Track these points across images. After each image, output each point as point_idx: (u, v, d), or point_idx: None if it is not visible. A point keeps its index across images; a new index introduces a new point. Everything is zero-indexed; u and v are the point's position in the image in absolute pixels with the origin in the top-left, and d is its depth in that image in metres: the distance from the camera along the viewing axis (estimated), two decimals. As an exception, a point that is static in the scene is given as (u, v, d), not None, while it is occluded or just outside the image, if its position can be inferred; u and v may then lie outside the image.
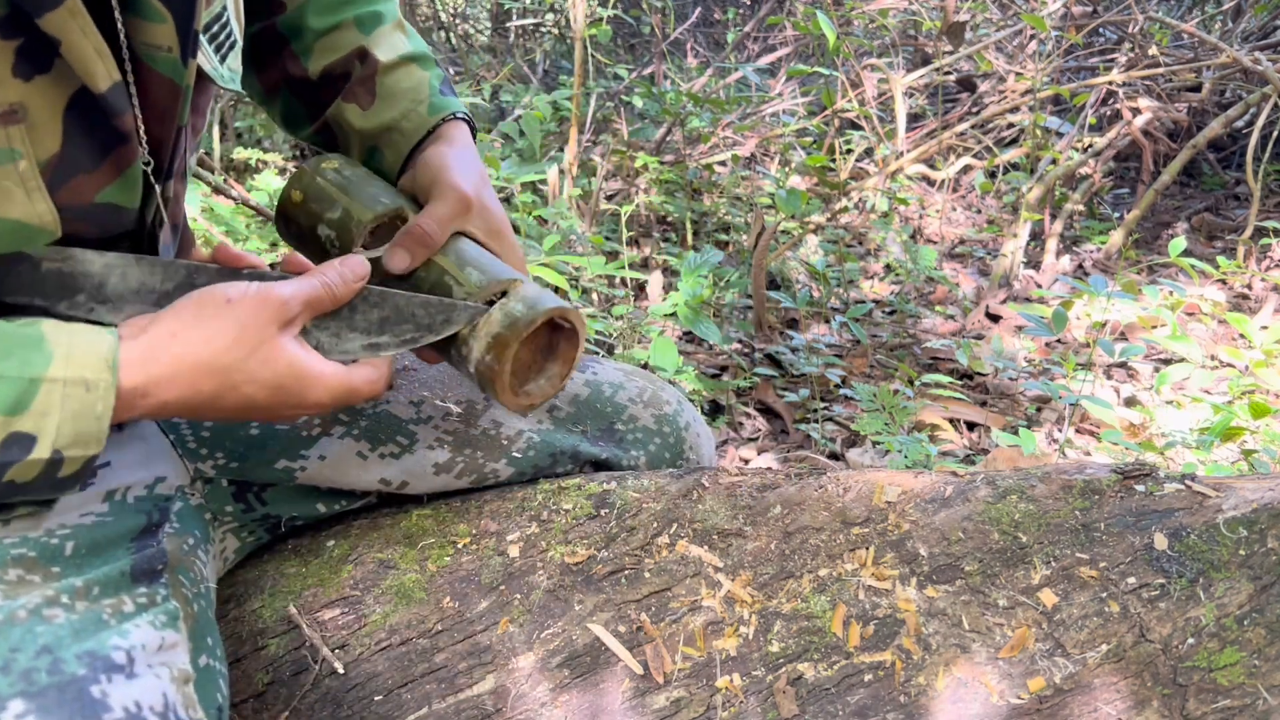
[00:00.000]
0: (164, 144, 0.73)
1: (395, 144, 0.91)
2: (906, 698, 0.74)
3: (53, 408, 0.61)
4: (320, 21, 0.93)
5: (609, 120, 3.46)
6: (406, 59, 0.94)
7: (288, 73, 0.95)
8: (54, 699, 0.53)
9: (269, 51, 0.95)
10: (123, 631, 0.59)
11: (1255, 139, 2.86)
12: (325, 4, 0.94)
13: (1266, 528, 0.76)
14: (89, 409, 0.62)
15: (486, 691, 0.78)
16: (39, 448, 0.61)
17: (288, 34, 0.94)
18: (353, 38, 0.93)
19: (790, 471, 0.90)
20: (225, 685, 0.72)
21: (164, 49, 0.68)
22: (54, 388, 0.61)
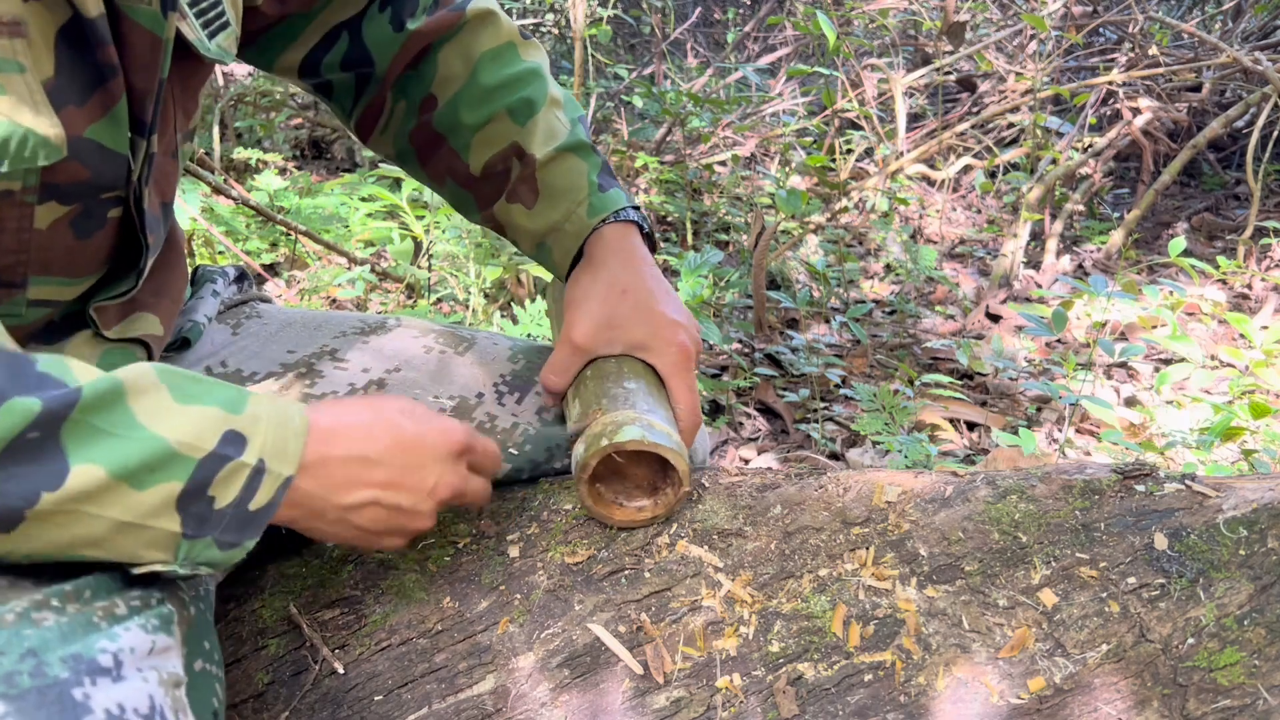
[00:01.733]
0: (147, 96, 0.73)
1: (561, 243, 0.96)
2: (906, 698, 0.74)
3: (261, 415, 0.65)
4: (474, 116, 0.95)
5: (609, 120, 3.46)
6: (564, 150, 0.95)
7: (451, 168, 0.98)
8: (34, 701, 0.53)
9: (430, 147, 0.99)
10: (112, 635, 0.58)
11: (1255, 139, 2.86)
12: (476, 96, 0.96)
13: (1266, 528, 0.76)
14: (289, 421, 0.67)
15: (486, 691, 0.78)
16: (249, 449, 0.64)
17: (444, 132, 0.97)
18: (508, 130, 0.95)
19: (790, 471, 0.90)
20: (221, 690, 0.71)
21: (144, 1, 0.69)
22: (260, 400, 0.66)
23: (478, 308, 2.36)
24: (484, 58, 0.96)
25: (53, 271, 0.75)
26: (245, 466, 0.64)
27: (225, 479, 0.63)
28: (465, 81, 0.96)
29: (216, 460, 0.63)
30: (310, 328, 1.00)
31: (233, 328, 0.99)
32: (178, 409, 0.62)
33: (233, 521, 0.64)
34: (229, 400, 0.64)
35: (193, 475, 0.62)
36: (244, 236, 2.67)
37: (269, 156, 3.05)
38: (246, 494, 0.64)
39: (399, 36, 0.95)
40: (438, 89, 0.97)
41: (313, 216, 2.78)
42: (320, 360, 0.97)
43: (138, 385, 0.61)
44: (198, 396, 0.64)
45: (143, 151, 0.75)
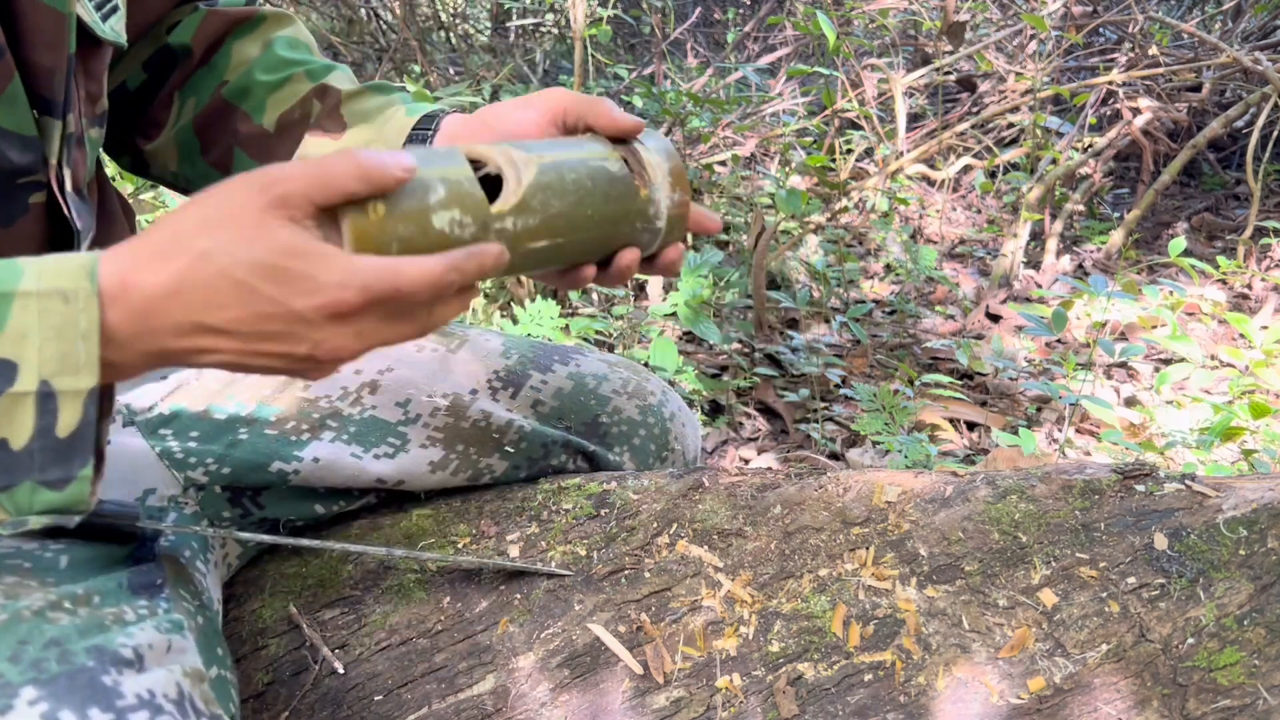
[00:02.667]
0: (54, 73, 0.69)
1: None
2: (906, 698, 0.74)
3: (30, 327, 0.53)
4: (270, 77, 0.91)
5: (609, 120, 3.45)
6: (368, 88, 0.90)
7: (238, 134, 0.91)
8: (65, 685, 0.52)
9: (215, 126, 0.92)
10: (128, 633, 0.58)
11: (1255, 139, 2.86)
12: (272, 62, 0.92)
13: (1266, 528, 0.76)
14: (71, 324, 0.54)
15: (486, 691, 0.78)
16: (22, 377, 0.53)
17: (234, 98, 0.92)
18: (305, 86, 0.91)
19: (790, 471, 0.90)
20: (236, 695, 0.71)
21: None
22: (28, 302, 0.53)
23: (477, 308, 2.36)
24: (280, 39, 0.93)
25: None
26: (24, 394, 0.53)
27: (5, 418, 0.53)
28: (260, 54, 0.92)
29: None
30: None
31: None
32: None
33: (46, 456, 0.54)
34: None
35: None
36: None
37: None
38: (46, 422, 0.54)
39: (195, 16, 0.92)
40: (230, 73, 0.92)
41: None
42: None
43: None
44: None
45: (58, 133, 0.71)
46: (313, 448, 0.89)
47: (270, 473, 0.88)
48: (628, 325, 2.27)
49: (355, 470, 0.90)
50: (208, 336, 0.57)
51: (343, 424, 0.91)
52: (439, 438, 0.92)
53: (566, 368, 1.01)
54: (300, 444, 0.89)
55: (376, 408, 0.93)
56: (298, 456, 0.88)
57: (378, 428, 0.91)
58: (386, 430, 0.91)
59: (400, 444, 0.91)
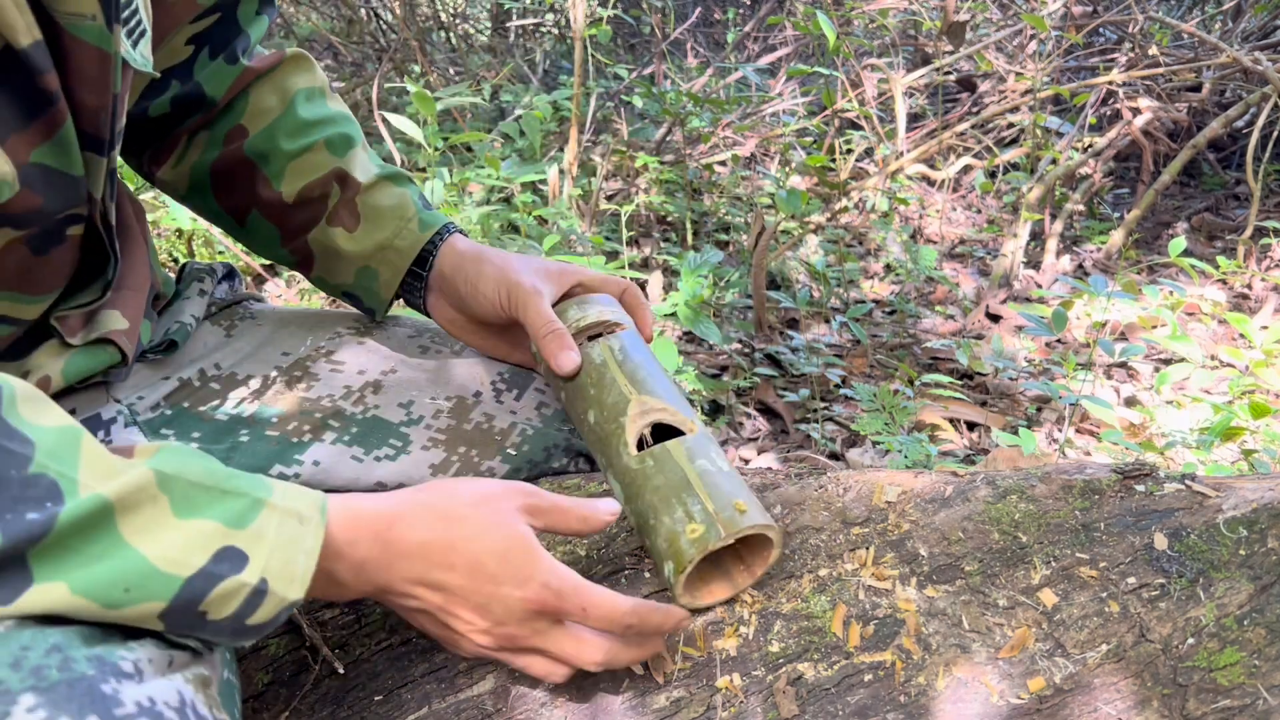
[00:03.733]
0: (100, 113, 0.71)
1: (391, 262, 0.95)
2: (906, 698, 0.74)
3: (268, 532, 0.60)
4: (292, 144, 0.95)
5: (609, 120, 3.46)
6: (383, 179, 0.96)
7: (258, 196, 0.96)
8: (64, 694, 0.52)
9: (236, 177, 0.97)
10: (129, 647, 0.58)
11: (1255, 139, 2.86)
12: (294, 126, 0.96)
13: (1266, 528, 0.76)
14: (299, 541, 0.61)
15: (486, 691, 0.78)
16: (249, 569, 0.59)
17: (255, 159, 0.96)
18: (325, 160, 0.95)
19: (790, 471, 0.90)
20: (239, 697, 0.71)
21: (88, 17, 0.67)
22: (273, 514, 0.60)
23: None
24: (299, 94, 0.97)
25: (8, 287, 0.74)
26: (244, 585, 0.58)
27: (220, 598, 0.58)
28: (281, 113, 0.96)
29: (207, 578, 0.57)
30: (305, 328, 1.00)
31: (226, 329, 0.99)
32: (173, 524, 0.57)
33: (228, 630, 0.60)
34: (235, 514, 0.59)
35: (178, 594, 0.57)
36: (244, 236, 2.66)
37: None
38: (245, 610, 0.59)
39: (233, 69, 0.95)
40: (248, 121, 0.96)
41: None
42: (315, 362, 0.96)
43: (131, 501, 0.56)
44: (201, 508, 0.58)
45: (103, 170, 0.73)
46: (314, 450, 0.89)
47: (271, 476, 0.88)
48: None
49: (356, 473, 0.90)
50: (427, 590, 0.67)
51: (345, 424, 0.91)
52: (441, 440, 0.92)
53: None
54: (301, 446, 0.89)
55: (379, 407, 0.93)
56: (298, 460, 0.88)
57: (380, 428, 0.91)
58: (389, 431, 0.91)
59: (402, 445, 0.91)
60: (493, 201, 2.66)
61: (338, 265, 0.97)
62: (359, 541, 0.65)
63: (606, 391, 0.84)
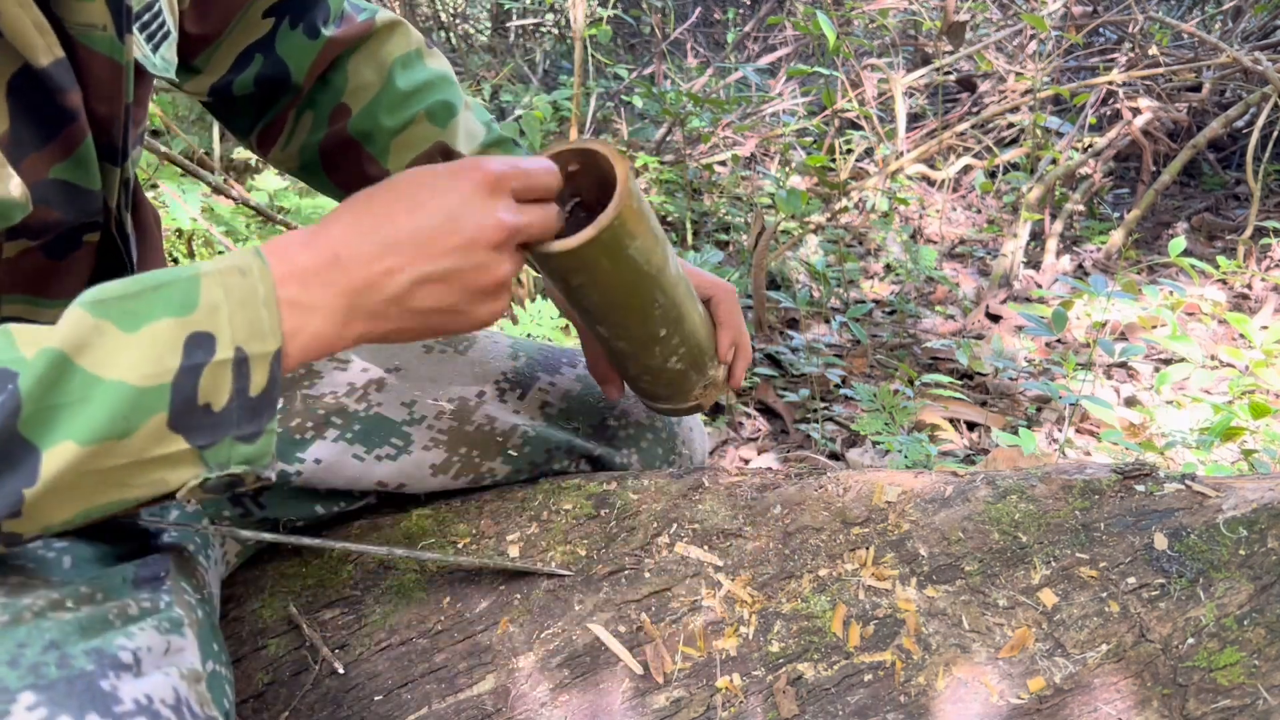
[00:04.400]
0: (113, 122, 0.71)
1: None
2: (906, 698, 0.74)
3: (219, 300, 0.59)
4: (393, 119, 0.94)
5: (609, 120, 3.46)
6: (489, 146, 0.95)
7: (366, 174, 0.96)
8: (64, 691, 0.53)
9: (341, 156, 0.96)
10: (128, 633, 0.58)
11: (1255, 139, 2.86)
12: (394, 100, 0.94)
13: (1266, 528, 0.76)
14: (252, 293, 0.59)
15: (486, 691, 0.78)
16: (221, 345, 0.58)
17: (360, 138, 0.95)
18: (429, 132, 0.94)
19: (790, 471, 0.90)
20: (231, 691, 0.71)
21: (98, 27, 0.67)
22: (213, 279, 0.59)
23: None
24: (396, 64, 0.95)
25: (23, 290, 0.73)
26: (224, 362, 0.58)
27: (210, 383, 0.58)
28: (380, 88, 0.94)
29: (188, 373, 0.57)
30: None
31: None
32: (127, 340, 0.57)
33: (241, 414, 0.60)
34: (179, 302, 0.58)
35: (171, 400, 0.57)
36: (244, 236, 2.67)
37: (269, 156, 3.04)
38: (241, 384, 0.59)
39: (315, 44, 0.93)
40: (350, 98, 0.95)
41: (313, 217, 2.78)
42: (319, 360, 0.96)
43: (78, 340, 0.56)
44: (144, 314, 0.58)
45: (117, 179, 0.73)
46: (315, 448, 0.89)
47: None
48: (628, 325, 2.27)
49: (357, 472, 0.90)
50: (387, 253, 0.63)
51: (347, 421, 0.91)
52: (442, 440, 0.92)
53: (575, 370, 1.01)
54: (303, 444, 0.89)
55: (382, 405, 0.93)
56: (300, 458, 0.88)
57: (382, 426, 0.91)
58: (390, 430, 0.91)
59: (403, 445, 0.91)
60: (493, 201, 2.66)
61: None
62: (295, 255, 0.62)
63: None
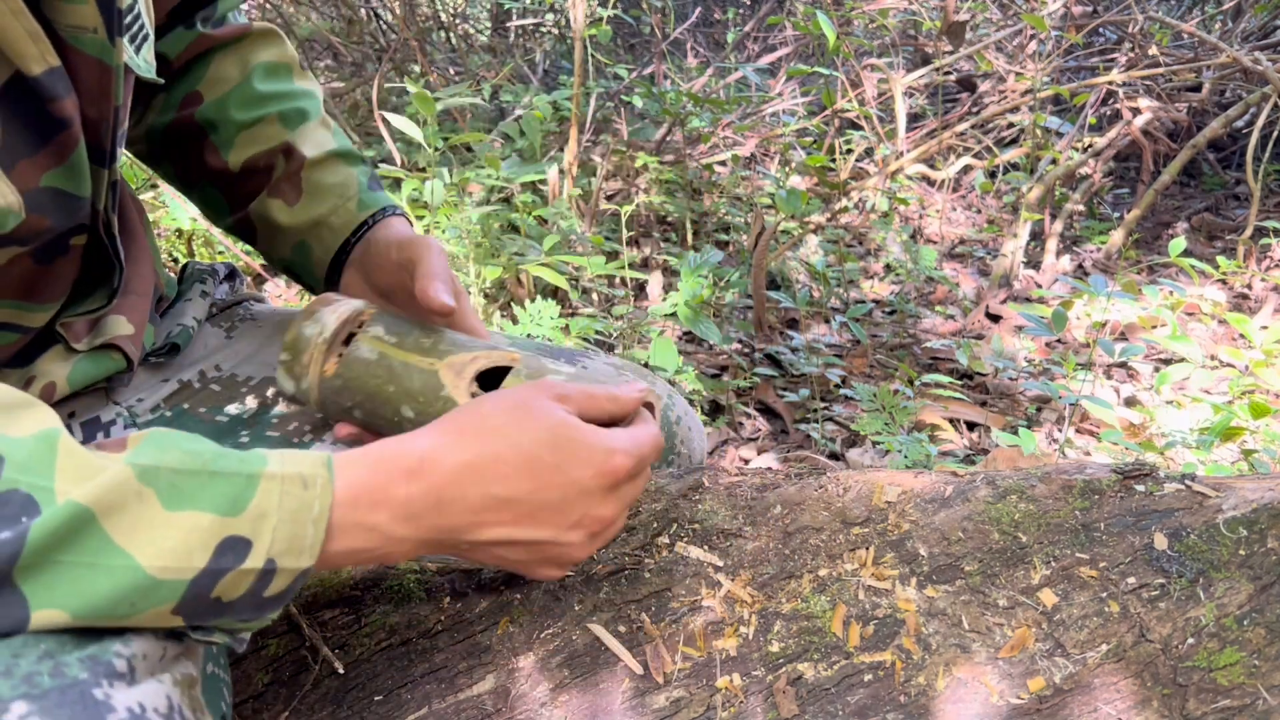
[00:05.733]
0: (101, 125, 0.71)
1: (323, 239, 0.93)
2: (906, 698, 0.74)
3: (270, 509, 0.56)
4: (244, 114, 0.94)
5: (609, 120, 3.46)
6: (333, 155, 0.94)
7: (206, 164, 0.95)
8: (56, 700, 0.52)
9: (187, 142, 0.95)
10: (125, 639, 0.58)
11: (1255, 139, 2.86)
12: (248, 97, 0.94)
13: (1266, 528, 0.76)
14: (306, 508, 0.57)
15: (486, 691, 0.78)
16: (253, 555, 0.56)
17: (206, 127, 0.94)
18: (275, 132, 0.94)
19: (790, 471, 0.90)
20: (229, 693, 0.71)
21: (89, 30, 0.66)
22: (272, 485, 0.57)
23: (478, 308, 2.36)
24: (259, 67, 0.96)
25: (11, 295, 0.73)
26: (250, 572, 0.56)
27: (228, 585, 0.56)
28: (238, 84, 0.95)
29: (211, 575, 0.55)
30: None
31: (226, 330, 0.98)
32: (163, 519, 0.54)
33: (248, 607, 0.58)
34: (228, 499, 0.56)
35: (184, 595, 0.55)
36: (244, 236, 2.66)
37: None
38: (258, 587, 0.57)
39: (188, 35, 0.94)
40: (205, 88, 0.94)
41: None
42: None
43: (114, 502, 0.53)
44: (191, 497, 0.55)
45: (105, 181, 0.73)
46: (315, 450, 0.89)
47: None
48: (627, 325, 2.27)
49: None
50: (493, 509, 0.63)
51: None
52: None
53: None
54: (302, 446, 0.89)
55: None
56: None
57: None
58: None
59: None
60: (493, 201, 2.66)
61: (276, 238, 0.95)
62: (392, 483, 0.61)
63: (407, 378, 0.76)
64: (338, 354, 0.79)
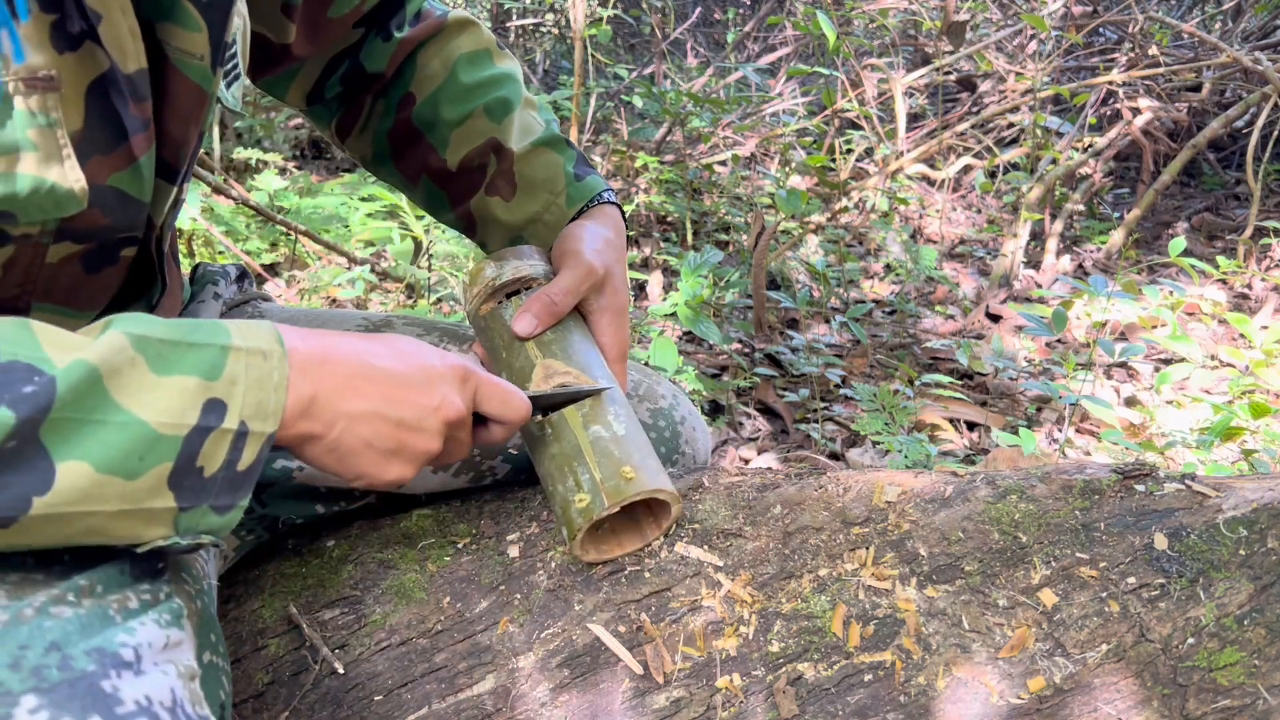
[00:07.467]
0: (184, 146, 0.74)
1: (540, 235, 0.98)
2: (906, 698, 0.74)
3: (239, 375, 0.63)
4: (453, 112, 0.98)
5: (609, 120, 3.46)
6: (539, 145, 0.98)
7: (427, 164, 1.00)
8: (66, 693, 0.53)
9: (406, 144, 1.01)
10: (129, 629, 0.59)
11: (1255, 139, 2.86)
12: (455, 93, 0.99)
13: (1266, 528, 0.76)
14: (268, 376, 0.64)
15: (486, 691, 0.78)
16: (229, 415, 0.62)
17: (422, 128, 0.99)
18: (485, 127, 0.98)
19: (790, 471, 0.90)
20: (228, 682, 0.72)
21: (196, 56, 0.71)
22: (239, 355, 0.63)
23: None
24: (461, 59, 0.99)
25: (55, 299, 0.75)
26: (228, 432, 0.63)
27: (210, 448, 0.62)
28: (443, 80, 0.99)
29: (200, 433, 0.61)
30: (313, 327, 1.00)
31: None
32: (155, 381, 0.61)
33: (224, 485, 0.64)
34: (207, 366, 0.62)
35: (180, 452, 0.61)
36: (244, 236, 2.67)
37: (269, 156, 3.05)
38: (233, 456, 0.63)
39: (389, 46, 0.99)
40: (416, 87, 0.99)
41: (313, 217, 2.78)
42: None
43: (113, 364, 0.59)
44: (175, 363, 0.62)
45: (169, 198, 0.76)
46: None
47: (274, 469, 0.88)
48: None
49: None
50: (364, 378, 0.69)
51: None
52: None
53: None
54: None
55: None
56: None
57: None
58: None
59: None
60: (493, 201, 2.66)
61: (497, 233, 1.00)
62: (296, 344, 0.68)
63: (513, 355, 0.85)
64: (497, 300, 0.88)
